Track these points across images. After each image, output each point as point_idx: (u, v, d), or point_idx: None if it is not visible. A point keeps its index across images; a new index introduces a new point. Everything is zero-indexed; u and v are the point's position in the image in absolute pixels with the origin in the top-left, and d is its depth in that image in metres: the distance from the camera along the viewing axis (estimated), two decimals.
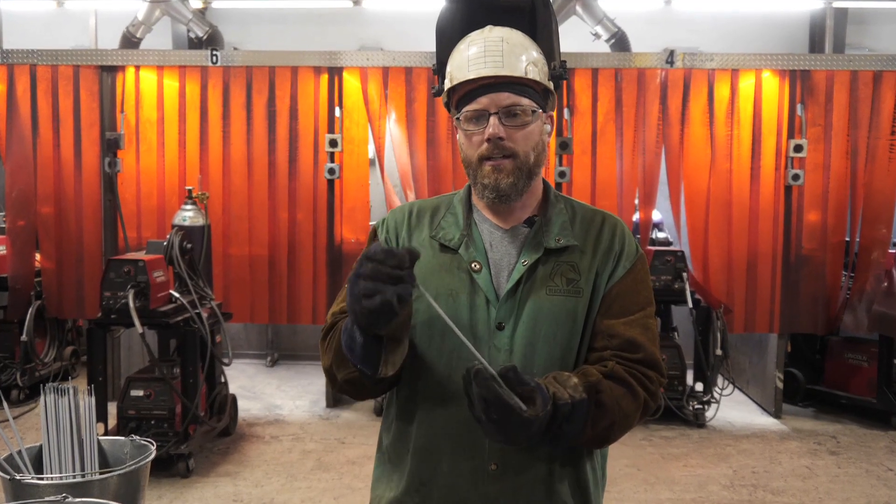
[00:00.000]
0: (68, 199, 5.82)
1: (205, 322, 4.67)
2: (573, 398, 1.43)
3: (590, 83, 5.66)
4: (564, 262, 1.62)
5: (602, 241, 1.65)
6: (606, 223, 1.68)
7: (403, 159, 5.76)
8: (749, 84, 5.66)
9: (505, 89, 1.57)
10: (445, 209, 1.71)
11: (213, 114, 5.78)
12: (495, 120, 1.56)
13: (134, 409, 4.56)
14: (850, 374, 5.81)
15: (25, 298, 5.85)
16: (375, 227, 1.75)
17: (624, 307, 1.61)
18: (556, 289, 1.59)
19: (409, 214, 1.72)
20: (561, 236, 1.63)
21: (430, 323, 1.60)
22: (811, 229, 5.71)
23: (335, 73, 5.71)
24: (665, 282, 5.57)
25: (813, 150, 5.61)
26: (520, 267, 1.60)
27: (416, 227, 1.70)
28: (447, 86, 1.65)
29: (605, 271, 1.63)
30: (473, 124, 1.60)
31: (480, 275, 1.61)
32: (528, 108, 1.58)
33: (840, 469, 4.79)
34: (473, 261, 1.61)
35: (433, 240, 1.66)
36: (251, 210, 5.80)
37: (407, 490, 1.63)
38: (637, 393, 1.55)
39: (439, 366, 1.60)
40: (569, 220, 1.67)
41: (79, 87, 5.77)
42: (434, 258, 1.65)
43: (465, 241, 1.64)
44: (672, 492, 4.41)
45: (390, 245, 1.69)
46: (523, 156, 1.58)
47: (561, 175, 5.59)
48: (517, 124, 1.58)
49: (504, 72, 1.56)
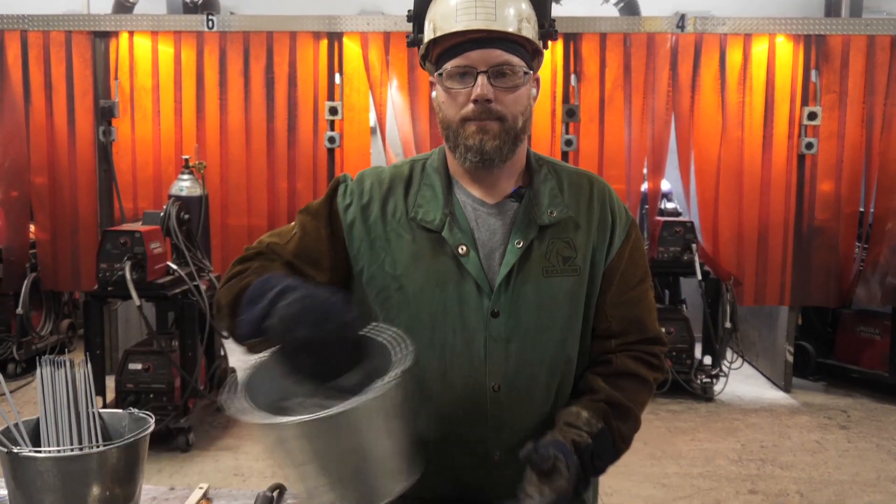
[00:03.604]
0: (62, 169, 5.71)
1: (203, 294, 4.58)
2: (591, 433, 1.40)
3: (598, 48, 5.53)
4: (559, 238, 1.50)
5: (594, 212, 1.54)
6: (595, 189, 1.57)
7: (405, 127, 5.64)
8: (762, 49, 5.53)
9: (496, 45, 1.42)
10: (420, 180, 1.55)
11: (210, 81, 5.65)
12: (484, 79, 1.41)
13: (132, 382, 4.49)
14: (863, 348, 5.73)
15: (20, 271, 5.77)
16: (338, 182, 1.57)
17: (625, 281, 1.55)
18: (552, 269, 1.48)
19: (379, 183, 1.55)
20: (552, 207, 1.51)
21: (415, 318, 1.49)
22: (824, 199, 5.61)
23: (335, 38, 5.58)
24: (674, 253, 5.48)
25: (827, 118, 5.49)
26: (513, 249, 1.47)
27: (388, 200, 1.53)
28: (429, 36, 1.47)
29: (602, 246, 1.53)
30: (458, 81, 1.44)
31: (469, 259, 1.47)
32: (520, 68, 1.44)
33: (850, 443, 4.74)
34: (459, 244, 1.47)
35: (411, 221, 1.50)
36: (249, 180, 5.69)
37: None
38: (646, 380, 1.54)
39: (432, 360, 1.50)
40: (556, 186, 1.54)
41: (71, 53, 5.63)
42: (414, 243, 1.50)
43: (449, 220, 1.48)
44: (679, 466, 4.36)
45: (351, 216, 1.53)
46: (511, 119, 1.45)
47: (568, 143, 5.48)
48: (507, 86, 1.43)
49: (496, 26, 1.41)
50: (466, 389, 1.50)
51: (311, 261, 1.52)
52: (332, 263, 1.54)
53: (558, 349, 1.52)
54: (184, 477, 4.11)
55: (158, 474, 4.09)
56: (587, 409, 1.44)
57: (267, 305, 1.23)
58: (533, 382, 1.52)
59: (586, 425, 1.41)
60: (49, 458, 1.25)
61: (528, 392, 1.52)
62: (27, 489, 1.23)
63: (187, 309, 4.57)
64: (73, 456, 1.25)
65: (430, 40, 1.48)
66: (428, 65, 1.54)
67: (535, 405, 1.53)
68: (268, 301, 1.23)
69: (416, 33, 1.54)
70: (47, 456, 1.25)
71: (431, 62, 1.52)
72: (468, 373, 1.50)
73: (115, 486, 1.26)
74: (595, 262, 1.53)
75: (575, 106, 5.48)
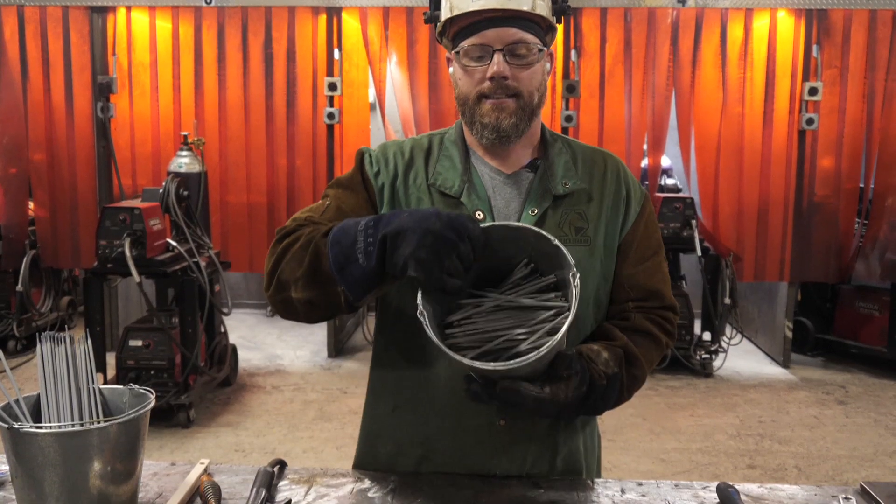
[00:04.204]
0: (61, 146, 5.69)
1: (203, 271, 4.59)
2: (606, 374, 1.40)
3: (598, 23, 5.49)
4: (572, 209, 1.54)
5: (607, 186, 1.58)
6: (609, 164, 1.61)
7: (405, 103, 5.62)
8: (763, 24, 5.49)
9: (511, 24, 1.45)
10: (438, 151, 1.59)
11: (208, 57, 5.62)
12: (499, 57, 1.45)
13: (133, 359, 4.50)
14: (862, 324, 5.74)
15: (20, 248, 5.76)
16: (362, 153, 1.60)
17: (640, 253, 1.59)
18: (565, 238, 1.50)
19: (401, 153, 1.59)
20: (567, 179, 1.55)
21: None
22: (824, 175, 5.60)
23: (334, 13, 5.54)
24: (674, 229, 5.46)
25: (828, 94, 5.47)
26: (528, 217, 1.51)
27: (410, 168, 1.57)
28: (446, 15, 1.50)
29: (616, 219, 1.57)
30: (474, 59, 1.48)
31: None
32: (534, 45, 1.47)
33: (848, 419, 4.76)
34: (476, 209, 1.51)
35: (431, 187, 1.54)
36: (248, 156, 5.68)
37: (412, 441, 1.59)
38: (659, 340, 1.57)
39: None
40: (570, 159, 1.58)
41: (68, 29, 5.59)
42: (434, 207, 1.50)
43: (467, 187, 1.53)
44: (678, 441, 4.38)
45: (380, 182, 1.55)
46: (527, 96, 1.49)
47: (568, 119, 5.46)
48: (522, 63, 1.47)
49: (511, 5, 1.44)
50: None
51: None
52: None
53: None
54: (185, 453, 4.13)
55: (159, 450, 4.11)
56: (607, 350, 1.46)
57: (372, 235, 1.27)
58: None
59: (604, 365, 1.42)
60: (50, 434, 1.24)
61: None
62: (28, 465, 1.23)
63: (187, 285, 4.57)
64: (74, 432, 1.25)
65: (447, 18, 1.50)
66: (445, 41, 1.57)
67: None
68: (369, 233, 1.28)
69: (433, 10, 1.57)
70: (48, 432, 1.24)
71: (448, 38, 1.55)
72: None
73: (116, 462, 1.26)
74: (608, 234, 1.56)
75: (575, 81, 5.45)
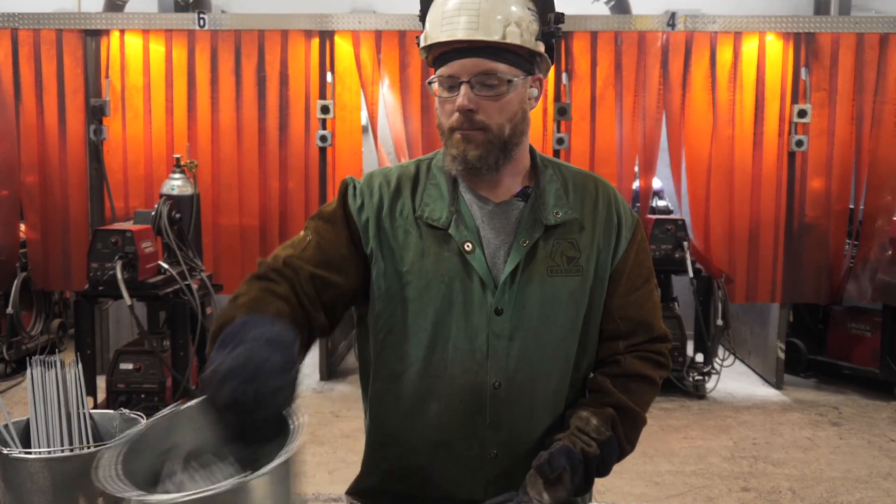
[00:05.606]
0: (53, 168, 5.67)
1: (195, 294, 4.57)
2: (599, 441, 1.43)
3: (589, 47, 5.53)
4: (564, 238, 1.51)
5: (599, 213, 1.55)
6: (600, 191, 1.58)
7: (397, 126, 5.63)
8: (752, 47, 5.54)
9: (480, 54, 1.42)
10: (426, 179, 1.55)
11: (201, 80, 5.63)
12: (466, 89, 1.42)
13: (123, 382, 4.48)
14: (853, 344, 5.74)
15: (10, 270, 5.71)
16: (346, 185, 1.56)
17: (631, 282, 1.57)
18: (556, 268, 1.50)
19: (387, 183, 1.55)
20: (558, 208, 1.51)
21: (420, 313, 1.51)
22: (814, 197, 5.62)
23: (326, 36, 5.56)
24: (665, 251, 5.46)
25: (817, 116, 5.51)
26: (519, 248, 1.49)
27: (397, 199, 1.53)
28: (422, 43, 1.49)
29: (608, 247, 1.54)
30: (447, 90, 1.45)
31: (474, 256, 1.48)
32: (506, 76, 1.43)
33: (842, 440, 4.75)
34: (465, 241, 1.48)
35: (418, 219, 1.51)
36: (241, 179, 5.67)
37: (405, 471, 1.58)
38: (654, 380, 1.58)
39: (435, 356, 1.51)
40: (562, 187, 1.55)
41: (62, 52, 5.60)
42: (421, 240, 1.51)
43: (455, 218, 1.49)
44: (672, 464, 4.36)
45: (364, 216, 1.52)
46: (496, 129, 1.44)
47: (559, 142, 5.48)
48: (491, 95, 1.43)
49: (479, 35, 1.40)
50: (467, 385, 1.51)
51: (334, 267, 1.52)
52: (356, 266, 1.54)
53: (559, 348, 1.54)
54: None
55: None
56: (597, 416, 1.47)
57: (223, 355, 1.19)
58: (533, 381, 1.53)
59: (595, 432, 1.44)
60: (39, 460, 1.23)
61: (528, 390, 1.53)
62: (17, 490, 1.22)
63: (178, 308, 4.55)
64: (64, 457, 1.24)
65: (422, 47, 1.50)
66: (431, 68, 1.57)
67: (535, 404, 1.54)
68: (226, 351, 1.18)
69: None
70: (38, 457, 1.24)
71: (430, 65, 1.54)
72: (470, 369, 1.51)
73: None
74: (600, 263, 1.54)
75: (566, 104, 5.48)
